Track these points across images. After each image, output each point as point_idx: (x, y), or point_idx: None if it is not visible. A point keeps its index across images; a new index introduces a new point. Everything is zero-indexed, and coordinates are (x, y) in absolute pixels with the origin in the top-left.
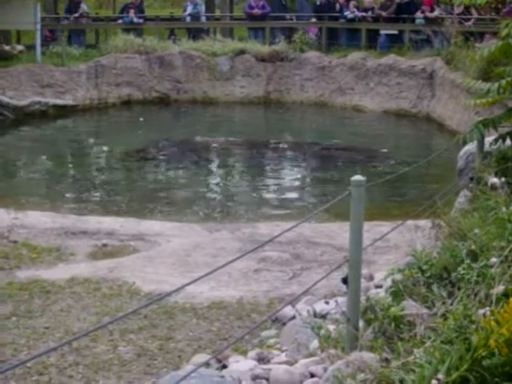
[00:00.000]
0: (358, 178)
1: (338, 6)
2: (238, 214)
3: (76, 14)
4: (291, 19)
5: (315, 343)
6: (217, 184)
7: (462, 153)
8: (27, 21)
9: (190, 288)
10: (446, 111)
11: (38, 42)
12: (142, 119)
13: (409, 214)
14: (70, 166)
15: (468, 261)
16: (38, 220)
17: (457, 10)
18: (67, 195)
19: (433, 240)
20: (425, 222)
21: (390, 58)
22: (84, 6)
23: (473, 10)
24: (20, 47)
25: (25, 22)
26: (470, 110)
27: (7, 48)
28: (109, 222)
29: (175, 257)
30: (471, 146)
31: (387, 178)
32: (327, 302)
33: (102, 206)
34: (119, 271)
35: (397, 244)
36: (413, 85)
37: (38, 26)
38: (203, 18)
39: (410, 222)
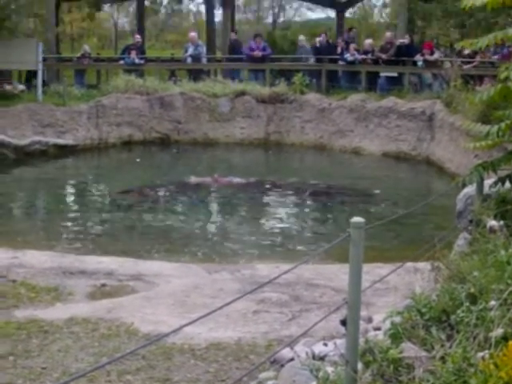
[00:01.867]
0: (357, 219)
1: (339, 48)
2: (237, 254)
3: (78, 55)
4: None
5: None
6: (216, 224)
7: (461, 195)
8: (29, 60)
9: (188, 329)
10: (446, 154)
11: (40, 81)
12: (138, 160)
13: (408, 256)
14: (69, 205)
15: (467, 303)
16: (37, 259)
17: (466, 52)
18: (66, 235)
19: (432, 282)
20: (424, 265)
21: (390, 101)
22: (86, 47)
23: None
24: (21, 87)
25: (27, 62)
26: (470, 152)
27: (8, 87)
28: (108, 262)
29: (174, 297)
30: (470, 189)
31: (386, 220)
32: (326, 344)
33: (100, 245)
34: (117, 311)
35: (396, 286)
36: (412, 127)
37: (40, 66)
38: (204, 60)
39: (409, 264)
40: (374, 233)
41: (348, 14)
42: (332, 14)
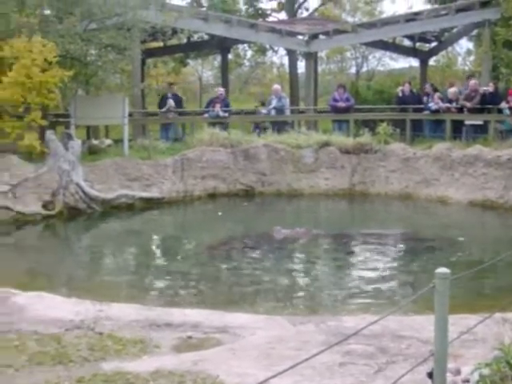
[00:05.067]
0: (442, 270)
1: (425, 98)
2: (323, 305)
3: (163, 109)
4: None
5: None
6: (302, 276)
7: None
8: (116, 115)
9: (274, 381)
10: None
11: (126, 135)
12: (220, 213)
13: (496, 306)
14: (156, 257)
15: None
16: (124, 312)
17: None
18: (153, 287)
19: None
20: None
21: (476, 149)
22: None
23: None
24: (108, 141)
25: (113, 117)
26: None
27: (96, 142)
28: (194, 315)
29: (259, 349)
30: None
31: (473, 270)
32: None
33: (187, 298)
34: (203, 364)
35: (484, 337)
36: (499, 175)
37: (126, 121)
38: (287, 111)
39: (497, 315)
40: (460, 282)
41: (432, 61)
42: (415, 62)
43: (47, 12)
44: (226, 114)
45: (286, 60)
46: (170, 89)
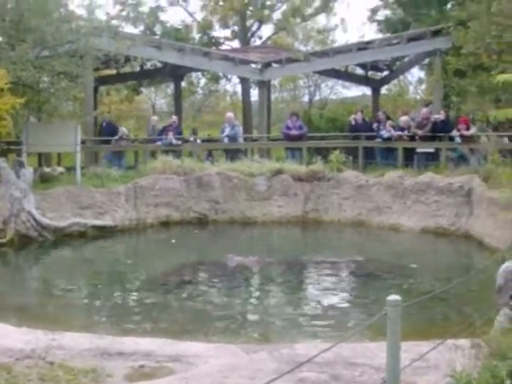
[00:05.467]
0: (393, 297)
1: (375, 125)
2: (276, 333)
3: (116, 137)
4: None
5: None
6: (254, 304)
7: (501, 270)
8: (68, 143)
9: None
10: (485, 229)
11: (78, 163)
12: (174, 241)
13: (448, 333)
14: (108, 286)
15: (509, 381)
16: (75, 341)
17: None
18: (104, 316)
19: (473, 360)
20: (464, 342)
21: (427, 176)
22: (124, 129)
23: None
24: (60, 169)
25: (66, 144)
26: (510, 227)
27: (48, 170)
28: (146, 343)
29: (212, 378)
30: (511, 264)
31: (424, 297)
32: None
33: (138, 326)
34: None
35: (436, 364)
36: (451, 202)
37: (78, 148)
38: (241, 139)
39: (449, 342)
40: (412, 309)
41: (384, 90)
42: (368, 91)
43: None
44: (179, 142)
45: (239, 88)
46: (103, 116)
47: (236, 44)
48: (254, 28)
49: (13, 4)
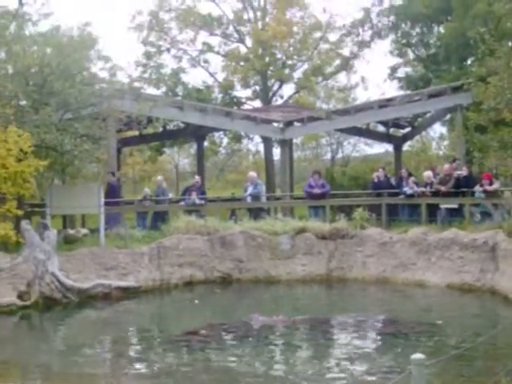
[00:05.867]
0: (417, 356)
1: (393, 181)
2: None
3: (139, 197)
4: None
5: None
6: (279, 364)
7: None
8: (91, 204)
9: None
10: (511, 284)
11: (102, 224)
12: (197, 301)
13: None
14: (132, 347)
15: None
16: None
17: None
18: (129, 377)
19: None
20: None
21: (451, 232)
22: (147, 190)
23: None
24: (84, 231)
25: (89, 206)
26: None
27: (72, 232)
28: None
29: None
30: None
31: (449, 355)
32: None
33: None
34: None
35: None
36: (475, 258)
37: (102, 210)
38: (264, 198)
39: None
40: (437, 367)
41: (407, 146)
42: (391, 147)
43: (23, 102)
44: (203, 202)
45: (261, 147)
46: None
47: (257, 103)
48: (275, 87)
49: (36, 68)
